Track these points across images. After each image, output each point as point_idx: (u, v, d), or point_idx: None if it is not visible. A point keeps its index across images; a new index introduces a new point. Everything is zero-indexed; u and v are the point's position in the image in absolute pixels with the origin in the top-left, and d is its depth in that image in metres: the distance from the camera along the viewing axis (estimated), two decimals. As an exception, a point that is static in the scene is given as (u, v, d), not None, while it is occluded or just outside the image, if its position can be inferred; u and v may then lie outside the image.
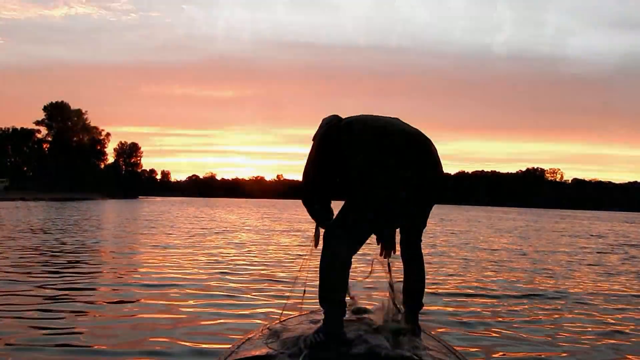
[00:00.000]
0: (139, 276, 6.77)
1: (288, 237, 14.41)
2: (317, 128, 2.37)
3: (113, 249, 10.23)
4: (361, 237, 2.16)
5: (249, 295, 5.56)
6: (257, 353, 1.92)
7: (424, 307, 2.36)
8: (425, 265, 2.36)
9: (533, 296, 6.16)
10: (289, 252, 10.38)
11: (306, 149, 2.31)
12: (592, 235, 20.43)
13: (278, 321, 2.35)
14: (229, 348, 2.10)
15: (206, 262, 8.33)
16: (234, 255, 9.48)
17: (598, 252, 12.73)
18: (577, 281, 7.60)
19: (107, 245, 10.78)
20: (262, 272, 7.40)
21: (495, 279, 7.53)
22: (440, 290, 6.25)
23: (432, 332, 2.52)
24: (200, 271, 7.32)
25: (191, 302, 5.18)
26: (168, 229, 16.14)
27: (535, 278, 7.74)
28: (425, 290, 2.36)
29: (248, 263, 8.43)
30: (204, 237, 13.59)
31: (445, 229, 20.90)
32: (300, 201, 2.31)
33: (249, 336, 2.21)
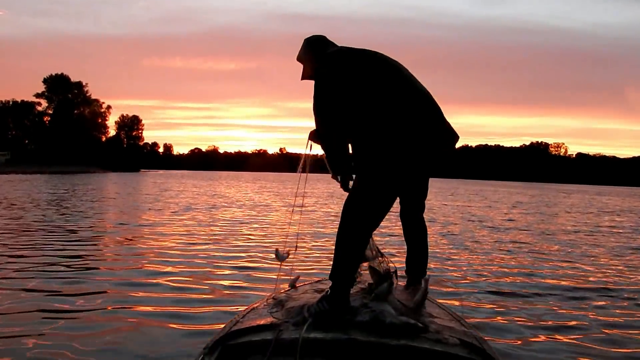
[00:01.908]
0: (109, 266, 5.82)
1: (283, 214, 13.48)
2: (300, 49, 2.27)
3: (91, 228, 9.24)
4: (382, 210, 2.06)
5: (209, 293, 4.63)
6: (262, 322, 1.92)
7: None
8: (448, 251, 2.33)
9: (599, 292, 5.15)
10: (280, 232, 9.21)
11: (310, 122, 2.22)
12: (610, 211, 19.62)
13: (283, 291, 2.36)
14: (234, 318, 2.11)
15: (190, 244, 7.45)
16: (221, 235, 8.67)
17: (630, 232, 11.73)
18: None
19: (84, 224, 9.76)
20: (242, 258, 6.40)
21: (528, 268, 6.50)
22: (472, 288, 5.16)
23: (437, 300, 2.52)
24: (182, 259, 6.28)
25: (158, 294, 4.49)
26: (159, 205, 15.29)
27: (581, 268, 6.60)
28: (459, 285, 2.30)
29: (233, 246, 7.42)
30: (198, 212, 12.87)
31: (456, 204, 20.18)
32: (301, 173, 2.25)
33: (254, 306, 2.22)
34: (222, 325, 2.12)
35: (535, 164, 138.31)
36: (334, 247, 2.03)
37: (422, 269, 2.39)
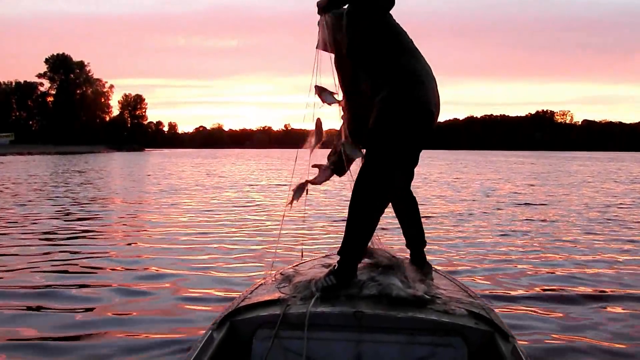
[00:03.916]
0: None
1: (282, 194, 12.25)
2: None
3: (63, 214, 8.41)
4: (392, 180, 2.07)
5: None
6: (270, 297, 1.93)
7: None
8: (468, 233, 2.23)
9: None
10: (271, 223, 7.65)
11: (313, 98, 2.17)
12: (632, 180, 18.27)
13: (290, 266, 2.37)
14: (242, 294, 2.12)
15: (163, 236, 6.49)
16: (224, 217, 8.03)
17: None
18: None
19: (55, 210, 8.96)
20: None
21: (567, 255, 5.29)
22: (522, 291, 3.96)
23: (443, 271, 2.53)
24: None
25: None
26: (152, 186, 14.56)
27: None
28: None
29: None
30: (188, 195, 12.05)
31: (470, 177, 19.09)
32: (302, 152, 2.23)
33: (262, 281, 2.22)
34: (230, 301, 2.13)
35: (542, 132, 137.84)
36: (329, 226, 2.00)
37: (422, 239, 2.37)
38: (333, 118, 2.26)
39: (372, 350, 1.81)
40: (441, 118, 2.32)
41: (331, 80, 2.19)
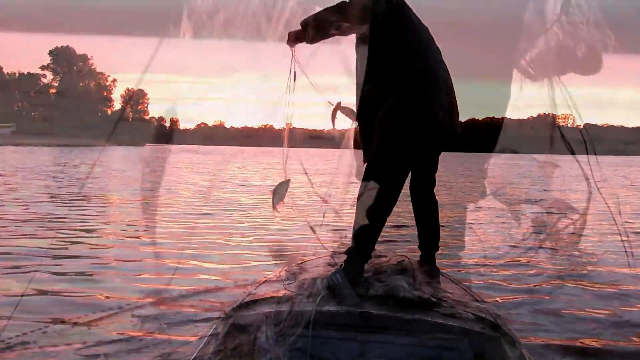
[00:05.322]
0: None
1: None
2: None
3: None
4: (403, 178, 2.08)
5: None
6: (275, 294, 1.92)
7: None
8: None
9: None
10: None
11: (315, 96, 2.15)
12: None
13: (296, 264, 2.36)
14: (247, 289, 2.11)
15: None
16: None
17: None
18: None
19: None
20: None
21: None
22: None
23: (451, 275, 2.52)
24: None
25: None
26: (154, 182, 13.37)
27: None
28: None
29: None
30: (189, 192, 11.68)
31: (475, 180, 18.47)
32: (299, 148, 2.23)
33: (267, 278, 2.21)
34: (236, 297, 2.12)
35: (545, 135, 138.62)
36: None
37: (435, 244, 2.38)
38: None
39: (377, 350, 1.79)
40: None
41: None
